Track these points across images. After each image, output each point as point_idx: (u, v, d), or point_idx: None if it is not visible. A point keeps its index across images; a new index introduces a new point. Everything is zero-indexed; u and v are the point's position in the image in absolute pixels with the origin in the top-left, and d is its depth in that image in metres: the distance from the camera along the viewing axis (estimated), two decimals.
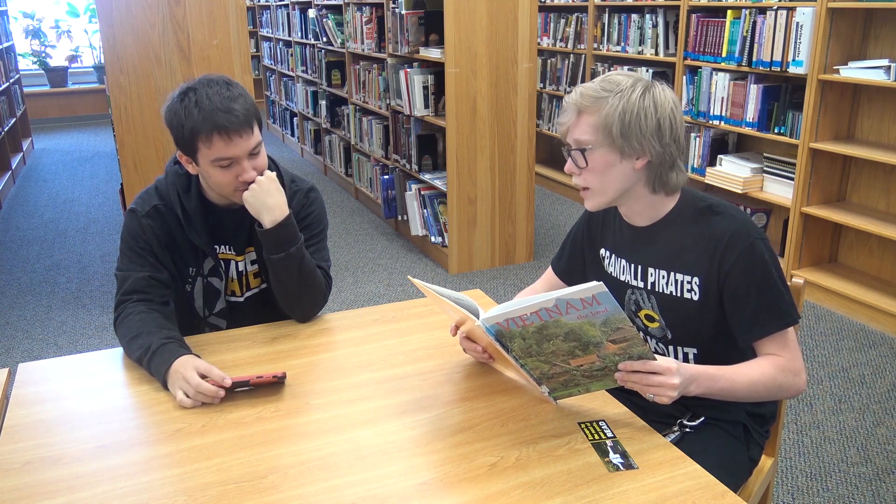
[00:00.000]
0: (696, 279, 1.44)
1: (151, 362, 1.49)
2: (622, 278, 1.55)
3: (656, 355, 1.26)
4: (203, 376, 1.42)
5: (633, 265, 1.53)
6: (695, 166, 4.30)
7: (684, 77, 4.27)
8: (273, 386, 1.47)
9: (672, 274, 1.46)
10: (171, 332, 1.56)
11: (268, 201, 1.65)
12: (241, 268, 1.81)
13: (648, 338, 1.55)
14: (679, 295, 1.46)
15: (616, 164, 1.40)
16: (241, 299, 1.84)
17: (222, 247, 1.79)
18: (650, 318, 1.53)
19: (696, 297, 1.44)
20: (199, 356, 1.50)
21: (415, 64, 4.31)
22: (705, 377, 1.32)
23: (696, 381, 1.30)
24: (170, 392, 1.44)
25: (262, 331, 1.73)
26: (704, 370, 1.33)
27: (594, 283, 1.14)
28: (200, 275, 1.76)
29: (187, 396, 1.41)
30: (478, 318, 1.33)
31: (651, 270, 1.50)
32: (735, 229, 1.40)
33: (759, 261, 1.38)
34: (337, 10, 5.66)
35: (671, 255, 1.47)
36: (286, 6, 7.07)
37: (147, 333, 1.54)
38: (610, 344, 1.23)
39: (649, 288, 1.50)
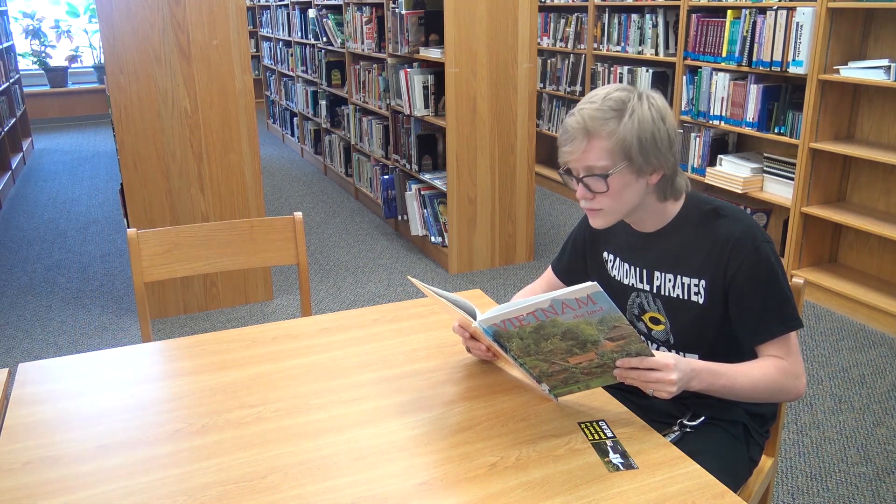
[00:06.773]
0: (702, 282, 1.43)
1: None
2: (626, 281, 1.55)
3: (655, 351, 1.26)
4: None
5: (638, 268, 1.52)
6: (695, 166, 4.30)
7: (684, 77, 4.27)
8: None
9: (678, 277, 1.46)
10: None
11: None
12: None
13: (650, 342, 1.55)
14: (686, 298, 1.46)
15: (633, 183, 1.38)
16: None
17: None
18: (655, 321, 1.52)
19: (701, 301, 1.44)
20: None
21: (415, 64, 4.31)
22: (707, 373, 1.31)
23: (697, 377, 1.30)
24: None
25: (263, 331, 1.73)
26: (707, 366, 1.32)
27: (589, 283, 1.14)
28: None
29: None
30: (475, 320, 1.33)
31: (657, 273, 1.49)
32: (741, 232, 1.40)
33: (765, 264, 1.38)
34: (337, 10, 5.66)
35: (677, 258, 1.46)
36: (286, 6, 7.07)
37: None
38: (607, 342, 1.23)
39: (655, 291, 1.50)
